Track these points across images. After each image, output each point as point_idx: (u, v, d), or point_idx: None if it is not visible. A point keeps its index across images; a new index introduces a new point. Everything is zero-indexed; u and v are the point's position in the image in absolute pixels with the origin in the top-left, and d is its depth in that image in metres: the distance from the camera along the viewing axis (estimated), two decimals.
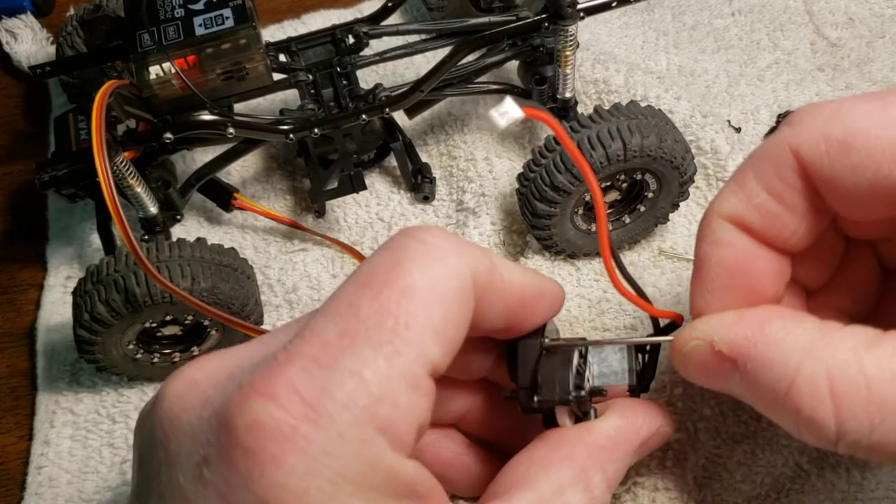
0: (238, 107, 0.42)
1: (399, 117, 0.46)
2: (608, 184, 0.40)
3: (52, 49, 0.55)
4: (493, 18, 0.43)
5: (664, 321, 0.32)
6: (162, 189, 0.42)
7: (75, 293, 0.37)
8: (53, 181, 0.38)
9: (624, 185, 0.41)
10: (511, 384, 0.30)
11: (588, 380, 0.30)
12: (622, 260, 0.30)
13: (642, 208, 0.42)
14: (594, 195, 0.28)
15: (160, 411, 0.24)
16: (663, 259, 0.43)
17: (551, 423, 0.30)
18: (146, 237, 0.41)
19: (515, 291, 0.28)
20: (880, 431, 0.24)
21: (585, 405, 0.30)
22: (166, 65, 0.36)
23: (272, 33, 0.56)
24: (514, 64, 0.47)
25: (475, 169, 0.47)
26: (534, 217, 0.40)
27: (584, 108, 0.45)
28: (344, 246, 0.46)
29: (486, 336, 0.29)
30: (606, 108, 0.39)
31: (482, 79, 0.45)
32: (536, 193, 0.39)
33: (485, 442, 0.34)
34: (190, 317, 0.38)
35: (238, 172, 0.50)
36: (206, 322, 0.39)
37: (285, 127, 0.40)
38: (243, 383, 0.23)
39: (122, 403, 0.42)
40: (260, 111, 0.50)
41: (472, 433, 0.34)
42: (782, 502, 0.34)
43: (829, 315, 0.27)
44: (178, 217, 0.42)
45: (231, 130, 0.38)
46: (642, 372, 0.31)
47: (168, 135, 0.37)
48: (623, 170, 0.39)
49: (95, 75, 0.44)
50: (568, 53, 0.41)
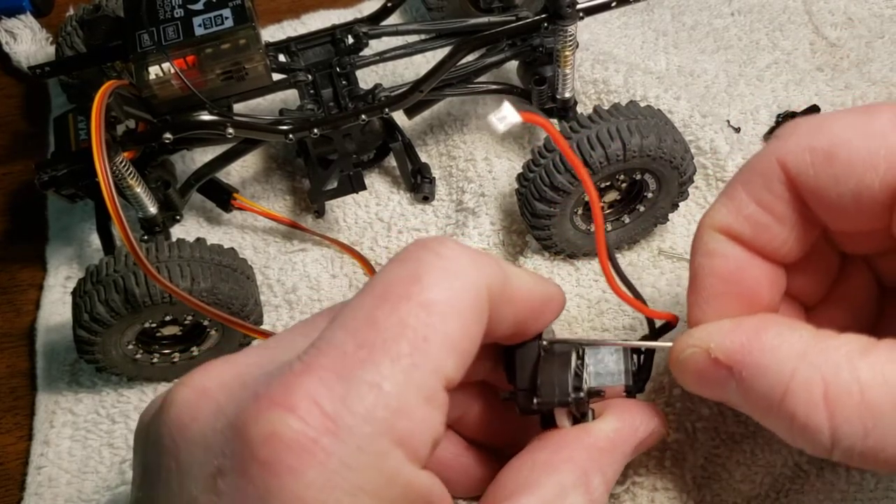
0: (237, 107, 0.42)
1: (398, 117, 0.46)
2: (608, 184, 0.40)
3: (52, 49, 0.55)
4: (493, 18, 0.43)
5: (660, 322, 0.32)
6: (161, 189, 0.42)
7: (75, 293, 0.37)
8: (53, 181, 0.38)
9: (623, 186, 0.41)
10: (508, 386, 0.30)
11: (585, 381, 0.30)
12: (619, 261, 0.30)
13: (642, 208, 0.42)
14: (591, 198, 0.28)
15: (168, 419, 0.24)
16: (663, 259, 0.43)
17: (550, 424, 0.30)
18: (146, 237, 0.41)
19: (525, 300, 0.28)
20: (874, 437, 0.24)
21: (584, 406, 0.30)
22: (166, 65, 0.36)
23: (272, 33, 0.56)
24: (514, 64, 0.47)
25: (475, 169, 0.47)
26: (533, 217, 0.40)
27: (584, 109, 0.45)
28: (343, 246, 0.46)
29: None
30: (606, 109, 0.39)
31: (482, 79, 0.45)
32: (536, 193, 0.39)
33: (481, 443, 0.34)
34: (189, 317, 0.38)
35: (237, 173, 0.50)
36: (206, 322, 0.39)
37: (285, 127, 0.40)
38: (259, 393, 0.22)
39: (122, 404, 0.42)
40: (259, 111, 0.50)
41: (469, 435, 0.34)
42: (782, 502, 0.34)
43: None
44: (178, 217, 0.42)
45: (230, 131, 0.38)
46: (638, 373, 0.31)
47: (167, 135, 0.37)
48: (622, 170, 0.39)
49: (95, 75, 0.45)
50: (567, 53, 0.41)
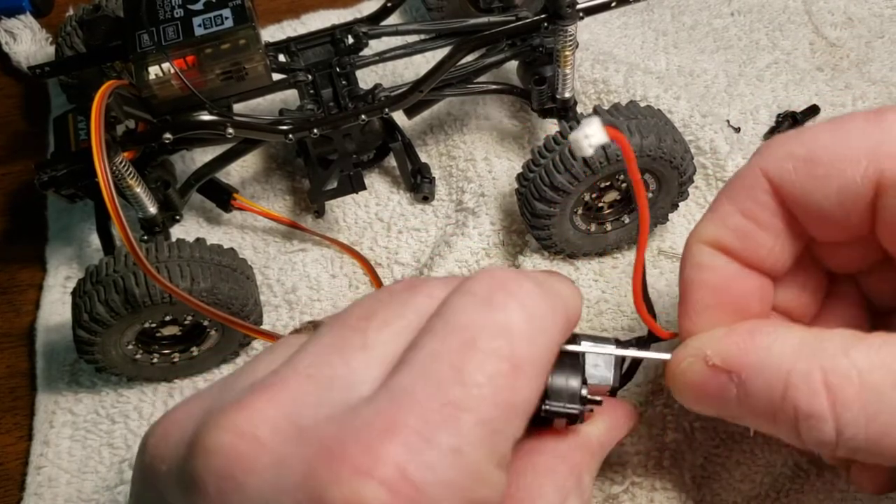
0: (237, 107, 0.42)
1: (398, 117, 0.46)
2: (607, 184, 0.40)
3: (52, 49, 0.55)
4: (493, 18, 0.43)
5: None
6: (161, 189, 0.42)
7: (74, 293, 0.37)
8: (53, 181, 0.38)
9: (623, 186, 0.41)
10: None
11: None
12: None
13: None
14: (640, 212, 0.29)
15: (214, 468, 0.22)
16: (662, 259, 0.43)
17: (544, 423, 0.30)
18: (145, 237, 0.41)
19: (574, 323, 0.28)
20: (876, 423, 0.24)
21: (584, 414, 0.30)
22: (165, 65, 0.36)
23: (271, 33, 0.56)
24: (514, 64, 0.47)
25: (474, 169, 0.47)
26: (533, 217, 0.40)
27: (584, 109, 0.45)
28: (343, 246, 0.46)
29: None
30: (606, 109, 0.39)
31: (481, 79, 0.45)
32: (536, 193, 0.39)
33: None
34: (189, 317, 0.38)
35: (237, 173, 0.50)
36: (206, 322, 0.39)
37: (285, 127, 0.40)
38: (333, 451, 0.21)
39: (122, 404, 0.42)
40: (259, 111, 0.50)
41: None
42: (782, 502, 0.34)
43: None
44: (178, 217, 0.42)
45: (230, 131, 0.38)
46: (625, 373, 0.32)
47: (167, 135, 0.37)
48: (622, 170, 0.39)
49: (95, 76, 0.44)
50: (567, 53, 0.41)
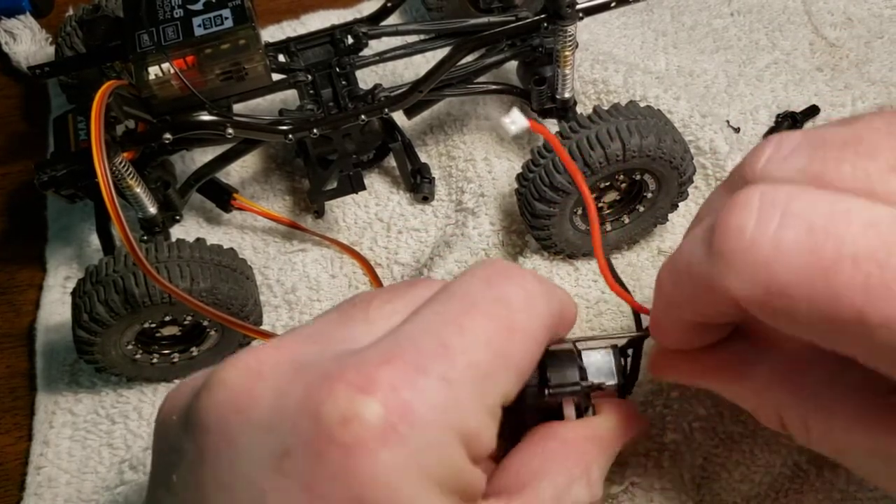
0: (237, 107, 0.42)
1: (398, 117, 0.46)
2: (607, 184, 0.40)
3: (51, 49, 0.55)
4: (493, 19, 0.43)
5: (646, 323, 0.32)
6: (161, 189, 0.42)
7: (74, 293, 0.37)
8: (52, 181, 0.38)
9: (623, 186, 0.41)
10: None
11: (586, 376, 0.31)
12: (616, 262, 0.31)
13: (641, 208, 0.42)
14: (587, 202, 0.31)
15: (218, 401, 0.24)
16: (662, 259, 0.43)
17: (554, 417, 0.30)
18: (145, 238, 0.41)
19: (570, 321, 0.30)
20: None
21: (588, 400, 0.31)
22: (165, 65, 0.36)
23: (271, 34, 0.56)
24: (514, 64, 0.47)
25: (474, 169, 0.47)
26: (533, 217, 0.40)
27: (584, 109, 0.45)
28: (343, 246, 0.46)
29: None
30: (605, 109, 0.39)
31: (481, 79, 0.45)
32: (535, 194, 0.39)
33: None
34: (189, 317, 0.38)
35: (237, 173, 0.50)
36: (205, 322, 0.39)
37: (284, 127, 0.40)
38: (331, 375, 0.22)
39: (121, 404, 0.42)
40: (259, 111, 0.50)
41: None
42: (781, 502, 0.34)
43: None
44: (178, 217, 0.42)
45: (230, 131, 0.38)
46: (629, 374, 0.32)
47: (167, 135, 0.37)
48: (622, 170, 0.39)
49: (94, 76, 0.44)
50: (567, 54, 0.41)
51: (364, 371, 0.22)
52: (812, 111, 0.49)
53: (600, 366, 0.31)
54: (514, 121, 0.30)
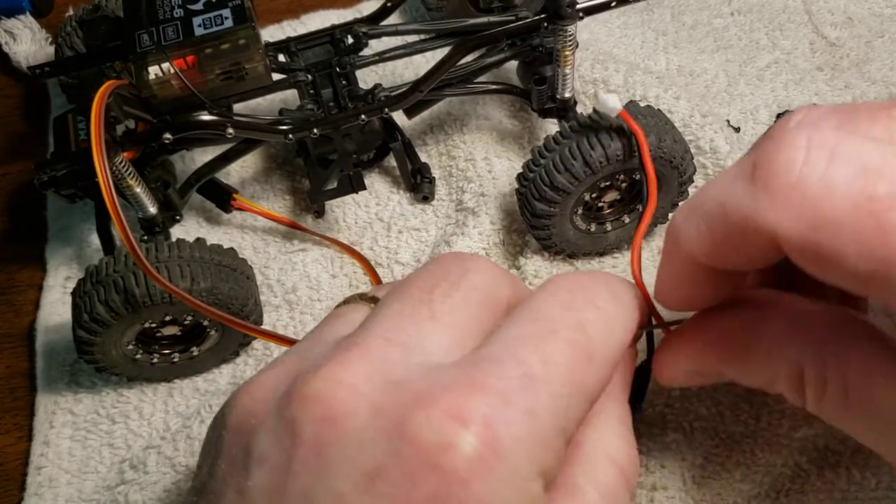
0: (237, 107, 0.42)
1: (398, 117, 0.46)
2: (607, 184, 0.40)
3: (51, 49, 0.55)
4: (493, 18, 0.43)
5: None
6: (161, 189, 0.42)
7: (74, 294, 0.37)
8: (52, 181, 0.38)
9: (623, 185, 0.41)
10: None
11: None
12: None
13: (641, 208, 0.42)
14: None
15: (312, 413, 0.23)
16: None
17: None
18: (145, 237, 0.41)
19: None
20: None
21: None
22: (165, 65, 0.36)
23: (271, 33, 0.56)
24: (514, 64, 0.47)
25: (474, 169, 0.47)
26: (533, 217, 0.40)
27: (584, 108, 0.45)
28: (343, 246, 0.46)
29: None
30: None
31: (481, 79, 0.45)
32: (536, 193, 0.39)
33: None
34: (189, 317, 0.38)
35: (237, 173, 0.50)
36: (206, 322, 0.39)
37: (284, 127, 0.40)
38: (423, 398, 0.23)
39: (122, 404, 0.42)
40: (259, 111, 0.50)
41: None
42: (782, 502, 0.34)
43: None
44: (178, 217, 0.42)
45: (230, 131, 0.38)
46: (634, 391, 0.32)
47: (167, 135, 0.37)
48: (622, 170, 0.39)
49: (94, 76, 0.44)
50: (567, 53, 0.41)
51: (455, 397, 0.23)
52: None
53: None
54: (611, 103, 0.34)
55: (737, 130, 0.48)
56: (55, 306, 0.46)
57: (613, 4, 0.41)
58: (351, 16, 0.56)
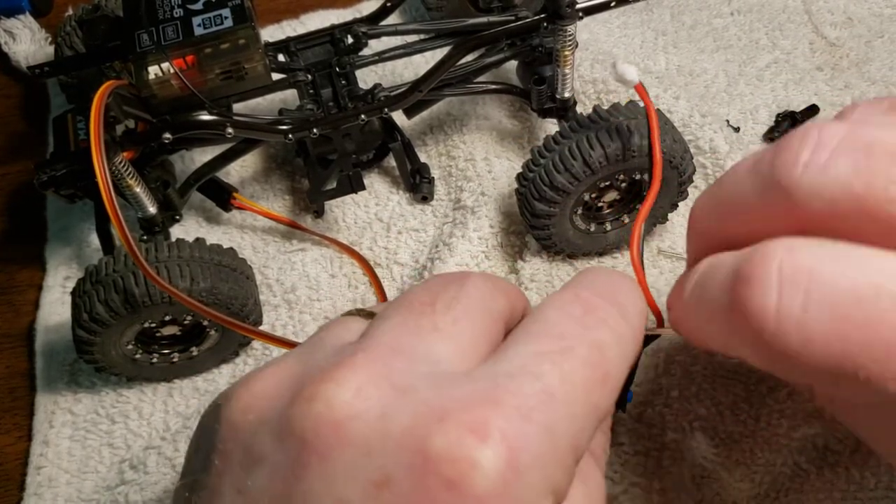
0: (237, 107, 0.42)
1: (398, 117, 0.46)
2: (607, 184, 0.40)
3: (51, 49, 0.55)
4: (492, 18, 0.43)
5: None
6: (161, 189, 0.42)
7: (74, 293, 0.37)
8: (52, 181, 0.38)
9: (623, 185, 0.41)
10: None
11: None
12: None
13: (643, 202, 0.42)
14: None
15: (318, 415, 0.23)
16: (662, 259, 0.43)
17: None
18: (145, 237, 0.41)
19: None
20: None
21: None
22: (165, 65, 0.36)
23: (271, 33, 0.56)
24: (513, 64, 0.47)
25: (474, 169, 0.47)
26: (533, 217, 0.40)
27: (583, 108, 0.45)
28: (343, 246, 0.46)
29: None
30: (605, 108, 0.39)
31: (481, 79, 0.45)
32: (535, 193, 0.39)
33: None
34: (189, 317, 0.38)
35: (237, 172, 0.50)
36: (205, 322, 0.39)
37: (284, 127, 0.40)
38: (437, 409, 0.22)
39: (121, 403, 0.42)
40: (259, 111, 0.50)
41: None
42: (781, 501, 0.34)
43: None
44: (177, 217, 0.42)
45: (230, 130, 0.38)
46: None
47: (167, 135, 0.37)
48: (622, 170, 0.39)
49: (94, 75, 0.44)
50: (567, 53, 0.41)
51: (473, 412, 0.22)
52: (812, 111, 0.49)
53: None
54: (629, 75, 0.33)
55: (736, 130, 0.48)
56: (55, 306, 0.46)
57: (613, 4, 0.41)
58: (350, 16, 0.56)
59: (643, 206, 0.34)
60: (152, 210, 0.40)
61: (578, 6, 0.40)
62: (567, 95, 0.44)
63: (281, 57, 0.44)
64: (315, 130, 0.41)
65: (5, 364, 0.45)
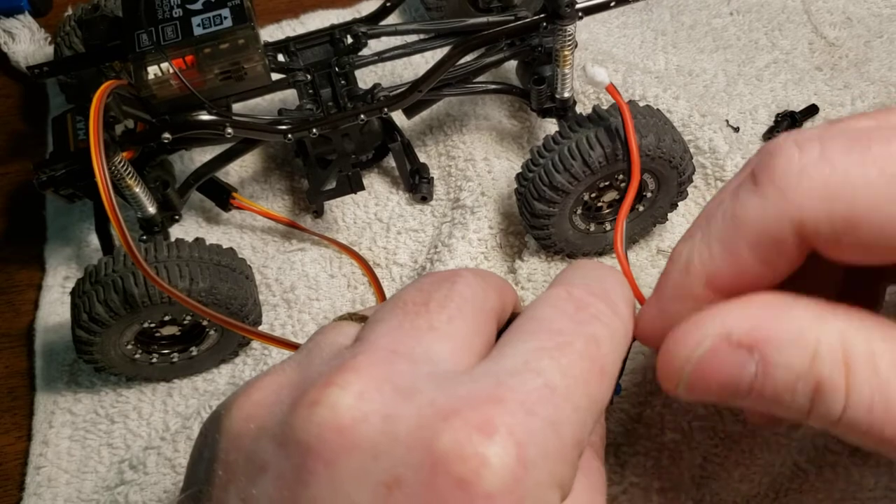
0: (236, 107, 0.42)
1: (397, 117, 0.46)
2: (607, 183, 0.40)
3: (50, 49, 0.55)
4: (492, 18, 0.43)
5: None
6: (160, 189, 0.42)
7: (73, 293, 0.37)
8: (51, 181, 0.38)
9: (623, 185, 0.41)
10: None
11: None
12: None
13: (641, 208, 0.42)
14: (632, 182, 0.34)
15: (321, 421, 0.23)
16: (661, 259, 0.43)
17: None
18: (144, 237, 0.41)
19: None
20: (877, 412, 0.23)
21: None
22: (164, 65, 0.36)
23: (270, 33, 0.56)
24: (513, 64, 0.47)
25: (474, 169, 0.47)
26: (532, 217, 0.40)
27: (583, 108, 0.45)
28: (342, 246, 0.46)
29: None
30: (605, 108, 0.39)
31: (480, 79, 0.45)
32: (535, 193, 0.39)
33: None
34: (188, 317, 0.38)
35: (236, 172, 0.50)
36: (205, 322, 0.39)
37: (284, 127, 0.40)
38: (443, 408, 0.22)
39: (121, 403, 0.42)
40: (258, 111, 0.50)
41: None
42: (781, 502, 0.34)
43: None
44: (177, 217, 0.42)
45: (229, 130, 0.38)
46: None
47: (166, 135, 0.37)
48: (622, 170, 0.39)
49: (93, 75, 0.44)
50: (566, 53, 0.41)
51: (478, 410, 0.22)
52: (811, 110, 0.49)
53: None
54: (599, 76, 0.34)
55: (736, 130, 0.48)
56: (54, 306, 0.46)
57: (612, 4, 0.41)
58: (350, 16, 0.56)
59: (625, 201, 0.34)
60: (151, 210, 0.40)
61: (578, 6, 0.40)
62: (567, 95, 0.44)
63: (280, 57, 0.44)
64: (314, 130, 0.41)
65: (5, 364, 0.45)
